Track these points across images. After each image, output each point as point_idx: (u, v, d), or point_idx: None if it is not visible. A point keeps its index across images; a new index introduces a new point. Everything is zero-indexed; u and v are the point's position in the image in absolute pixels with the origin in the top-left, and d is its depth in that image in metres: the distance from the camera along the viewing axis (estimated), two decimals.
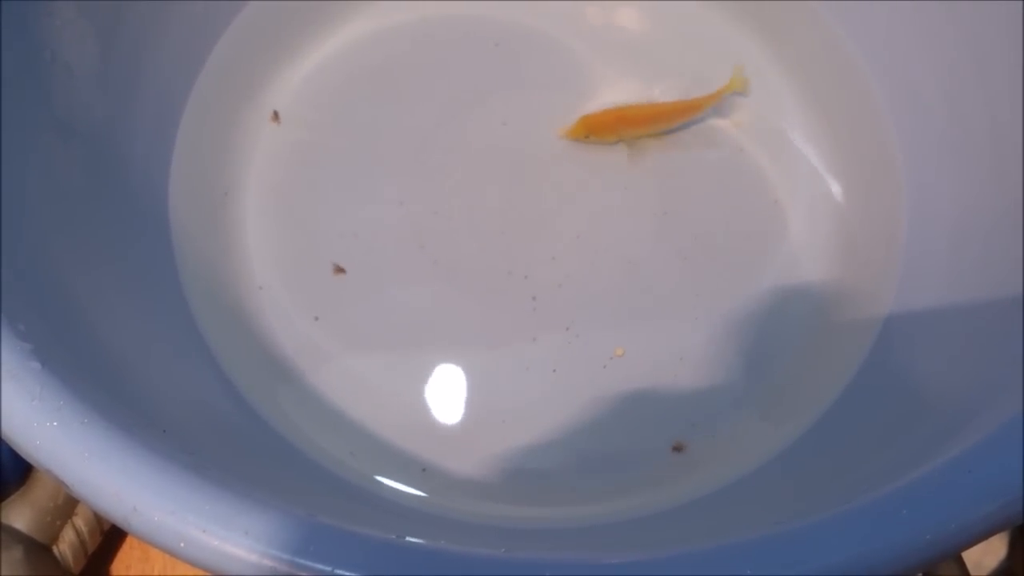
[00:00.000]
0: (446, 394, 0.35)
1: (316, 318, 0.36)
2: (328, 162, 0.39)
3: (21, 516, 0.33)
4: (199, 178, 0.37)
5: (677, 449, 0.34)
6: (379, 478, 0.33)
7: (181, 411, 0.29)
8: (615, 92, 0.40)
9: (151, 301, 0.33)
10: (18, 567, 0.31)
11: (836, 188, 0.39)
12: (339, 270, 0.36)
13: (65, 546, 0.34)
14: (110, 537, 0.36)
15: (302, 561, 0.19)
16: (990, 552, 0.38)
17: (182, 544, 0.20)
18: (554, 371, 0.35)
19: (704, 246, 0.37)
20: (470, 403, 0.35)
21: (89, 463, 0.21)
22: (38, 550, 0.33)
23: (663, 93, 0.40)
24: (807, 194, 0.39)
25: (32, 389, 0.21)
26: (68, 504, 0.34)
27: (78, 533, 0.34)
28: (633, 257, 0.37)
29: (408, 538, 0.21)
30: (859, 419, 0.32)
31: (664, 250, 0.37)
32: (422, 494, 0.33)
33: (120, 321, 0.29)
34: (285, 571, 0.19)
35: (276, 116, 0.39)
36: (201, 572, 0.26)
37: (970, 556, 0.36)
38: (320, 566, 0.19)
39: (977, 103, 0.33)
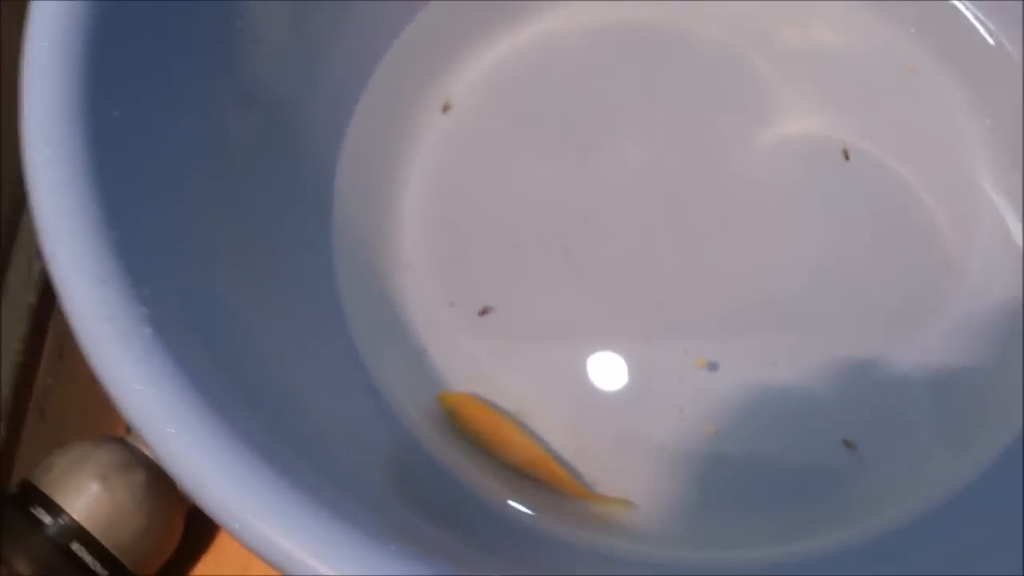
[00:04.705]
0: (594, 415, 0.35)
1: (451, 304, 0.36)
2: (491, 159, 0.39)
3: None
4: (367, 160, 0.38)
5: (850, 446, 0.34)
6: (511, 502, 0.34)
7: (318, 411, 0.30)
8: (796, 125, 0.38)
9: (298, 282, 0.34)
10: (137, 491, 0.33)
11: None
12: (484, 311, 0.36)
13: None
14: None
15: None
16: None
17: None
18: (681, 410, 0.35)
19: (869, 295, 0.36)
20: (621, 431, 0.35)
21: (172, 427, 0.22)
22: (161, 478, 0.34)
23: (848, 145, 0.37)
24: (990, 239, 0.36)
25: (137, 352, 0.22)
26: None
27: None
28: (785, 300, 0.36)
29: None
30: None
31: (819, 298, 0.36)
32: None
33: (256, 293, 0.31)
34: None
35: (447, 106, 0.39)
36: None
37: None
38: None
39: None
